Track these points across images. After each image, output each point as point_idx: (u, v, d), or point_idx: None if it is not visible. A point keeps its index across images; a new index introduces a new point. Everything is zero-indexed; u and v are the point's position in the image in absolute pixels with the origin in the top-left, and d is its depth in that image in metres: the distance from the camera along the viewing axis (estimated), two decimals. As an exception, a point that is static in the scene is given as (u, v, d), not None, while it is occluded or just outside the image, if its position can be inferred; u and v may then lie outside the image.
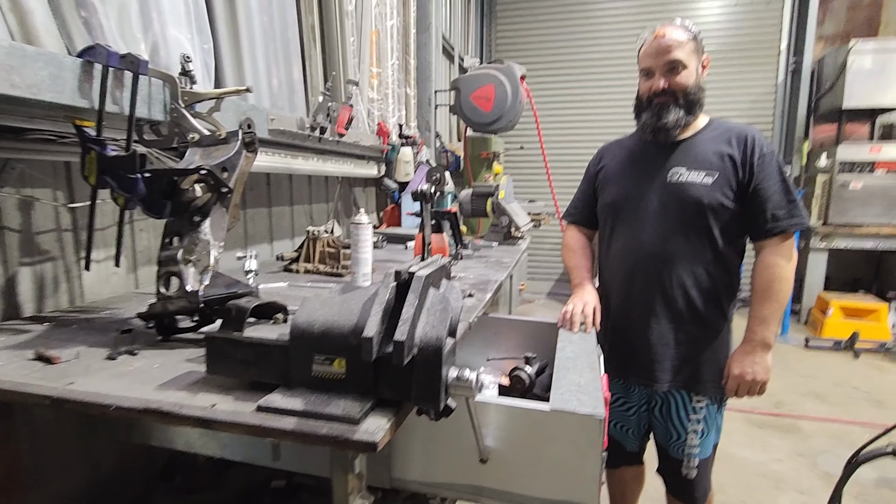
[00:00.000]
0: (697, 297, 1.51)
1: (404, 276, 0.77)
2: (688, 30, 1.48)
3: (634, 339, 1.58)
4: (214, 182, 1.08)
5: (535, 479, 0.99)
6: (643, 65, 1.53)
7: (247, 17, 1.85)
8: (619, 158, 1.68)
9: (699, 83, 1.51)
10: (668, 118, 1.49)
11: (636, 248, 1.58)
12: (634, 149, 1.64)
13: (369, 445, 0.68)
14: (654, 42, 1.49)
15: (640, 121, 1.59)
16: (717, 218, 1.47)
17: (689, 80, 1.48)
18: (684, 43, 1.46)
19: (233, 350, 0.82)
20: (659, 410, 1.61)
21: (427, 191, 0.86)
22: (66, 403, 0.81)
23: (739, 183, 1.45)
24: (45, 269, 1.32)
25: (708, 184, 1.46)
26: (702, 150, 1.50)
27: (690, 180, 1.48)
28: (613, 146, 1.75)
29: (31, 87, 0.97)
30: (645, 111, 1.55)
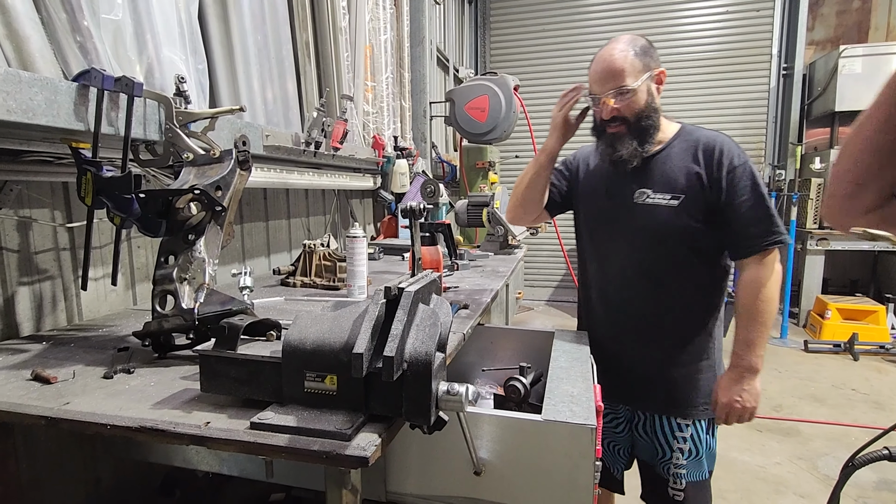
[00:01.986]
0: (678, 317, 1.48)
1: (394, 293, 0.78)
2: (634, 48, 1.39)
3: (616, 360, 1.54)
4: (208, 201, 1.09)
5: (529, 490, 1.00)
6: (591, 91, 1.45)
7: (241, 35, 1.88)
8: (591, 177, 1.63)
9: (652, 103, 1.42)
10: (622, 150, 1.42)
11: (612, 271, 1.56)
12: (601, 165, 1.56)
13: (360, 461, 0.69)
14: (598, 66, 1.41)
15: (597, 147, 1.53)
16: (688, 240, 1.42)
17: (638, 104, 1.39)
18: (628, 66, 1.37)
19: (226, 368, 0.83)
20: (643, 427, 1.58)
21: (416, 207, 0.88)
22: (62, 423, 0.82)
23: (709, 203, 1.39)
24: (44, 288, 1.34)
25: (674, 206, 1.41)
26: (668, 169, 1.44)
27: (656, 202, 1.43)
28: (587, 157, 1.66)
29: (27, 111, 1.00)
30: (600, 139, 1.49)
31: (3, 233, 1.24)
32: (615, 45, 1.40)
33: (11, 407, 0.84)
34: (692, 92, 5.83)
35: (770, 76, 5.70)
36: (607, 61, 1.39)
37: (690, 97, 5.83)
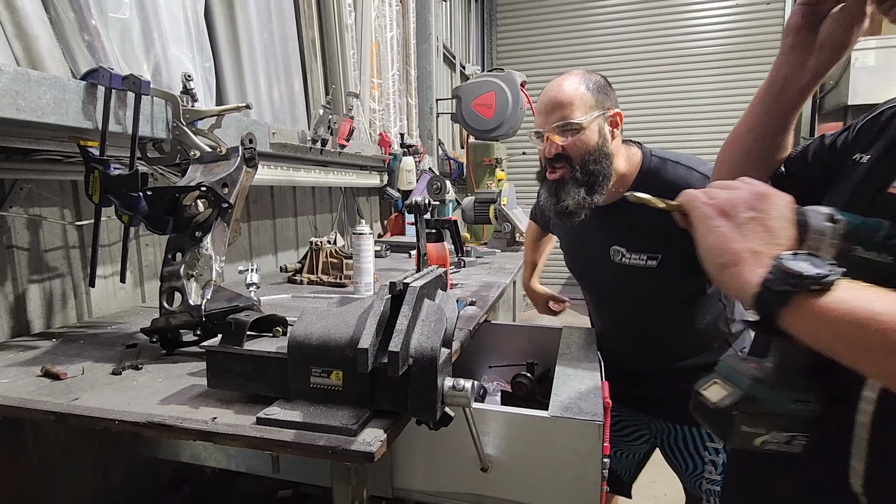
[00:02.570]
0: (689, 341, 1.39)
1: (399, 288, 0.78)
2: (587, 83, 1.25)
3: (629, 372, 1.47)
4: (215, 198, 1.10)
5: (536, 487, 0.99)
6: (535, 125, 1.30)
7: (247, 33, 1.89)
8: (563, 231, 1.52)
9: (604, 147, 1.24)
10: (566, 200, 1.24)
11: (607, 317, 1.52)
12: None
13: (366, 456, 0.69)
14: (544, 97, 1.26)
15: (540, 196, 1.35)
16: (679, 292, 1.31)
17: (586, 145, 1.22)
18: (578, 99, 1.22)
19: (232, 364, 0.83)
20: (668, 438, 1.48)
21: (421, 203, 0.88)
22: (71, 418, 0.83)
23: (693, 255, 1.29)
24: (54, 285, 1.35)
25: (653, 267, 1.27)
26: (638, 222, 1.26)
27: (634, 263, 1.29)
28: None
29: (36, 110, 1.00)
30: (542, 185, 1.32)
31: (14, 231, 1.25)
32: (566, 78, 1.27)
33: (22, 402, 0.85)
34: (701, 87, 5.77)
35: (781, 70, 5.61)
36: (554, 92, 1.25)
37: (700, 92, 5.78)
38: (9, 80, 0.95)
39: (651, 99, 5.84)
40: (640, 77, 5.84)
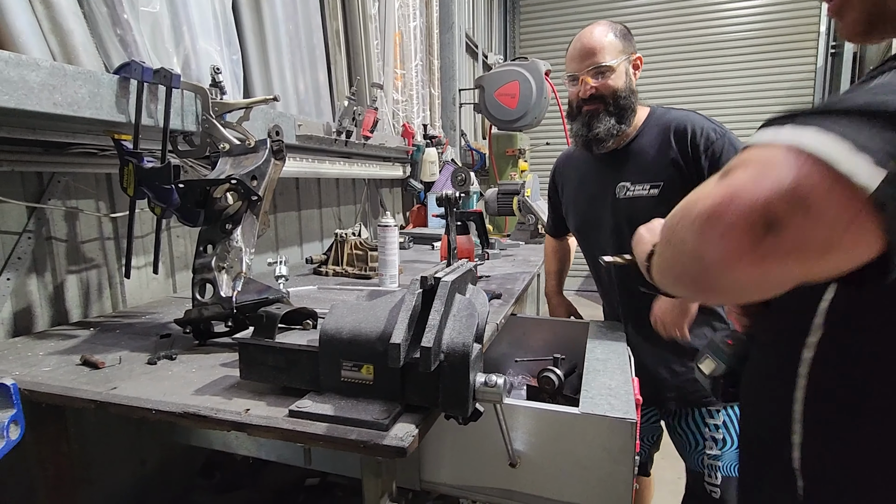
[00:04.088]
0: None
1: (430, 283, 0.77)
2: (613, 30, 1.42)
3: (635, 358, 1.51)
4: (244, 190, 1.10)
5: (566, 484, 0.98)
6: (568, 70, 1.47)
7: (273, 25, 1.89)
8: (572, 181, 1.64)
9: (630, 86, 1.44)
10: (598, 128, 1.42)
11: (608, 277, 1.56)
12: (582, 167, 1.59)
13: (398, 451, 0.69)
14: (577, 45, 1.44)
15: (571, 130, 1.52)
16: None
17: (616, 84, 1.41)
18: (608, 45, 1.40)
19: (264, 356, 0.84)
20: (673, 419, 1.56)
21: (451, 195, 0.86)
22: (110, 407, 0.85)
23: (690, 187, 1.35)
24: (90, 276, 1.39)
25: (654, 196, 1.39)
26: (643, 157, 1.43)
27: (637, 194, 1.42)
28: (563, 164, 1.70)
29: (72, 104, 1.02)
30: (575, 120, 1.49)
31: (53, 223, 1.29)
32: (594, 27, 1.43)
33: (64, 391, 0.87)
34: (734, 73, 5.58)
35: (817, 56, 5.39)
36: (586, 39, 1.42)
37: (732, 79, 5.59)
38: (46, 75, 0.97)
39: (679, 87, 5.68)
40: (668, 64, 5.68)
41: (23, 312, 1.23)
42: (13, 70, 0.91)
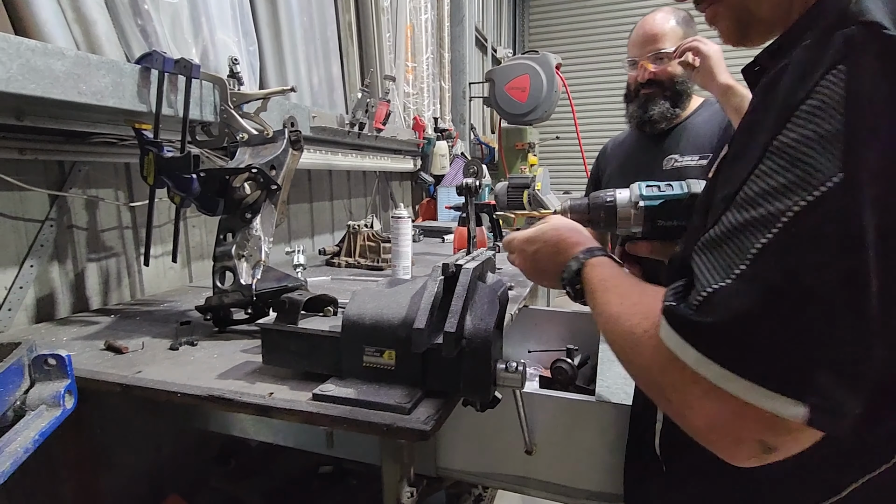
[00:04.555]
0: None
1: (452, 269, 0.78)
2: (675, 17, 1.46)
3: None
4: (264, 180, 1.12)
5: (580, 472, 0.99)
6: (630, 54, 1.52)
7: (288, 17, 1.89)
8: (618, 158, 1.67)
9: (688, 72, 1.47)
10: (653, 111, 1.47)
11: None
12: (631, 145, 1.63)
13: (421, 434, 0.70)
14: (639, 31, 1.49)
15: (627, 111, 1.57)
16: None
17: (675, 69, 1.44)
18: (669, 31, 1.44)
19: (287, 341, 0.85)
20: None
21: (472, 184, 0.87)
22: (136, 390, 0.87)
23: None
24: (110, 264, 1.41)
25: (703, 165, 1.42)
26: (694, 133, 1.48)
27: (685, 164, 1.45)
28: (612, 147, 1.73)
29: (96, 93, 1.04)
30: (632, 102, 1.54)
31: (74, 211, 1.31)
32: (657, 13, 1.48)
33: (90, 374, 0.89)
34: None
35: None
36: (648, 25, 1.47)
37: (742, 74, 5.54)
38: (71, 64, 0.98)
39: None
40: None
41: (45, 299, 1.25)
42: (39, 59, 0.93)
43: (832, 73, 0.40)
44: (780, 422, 0.39)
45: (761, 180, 0.42)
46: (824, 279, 0.38)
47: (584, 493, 1.01)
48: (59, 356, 0.45)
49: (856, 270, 0.38)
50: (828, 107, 0.40)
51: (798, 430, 0.40)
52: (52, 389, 0.45)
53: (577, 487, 1.01)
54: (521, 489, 1.06)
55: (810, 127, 0.40)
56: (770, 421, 0.40)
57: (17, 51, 0.89)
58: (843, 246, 0.38)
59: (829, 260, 0.38)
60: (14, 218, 1.18)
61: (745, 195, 0.43)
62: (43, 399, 0.44)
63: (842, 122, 0.39)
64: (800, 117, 0.41)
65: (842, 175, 0.38)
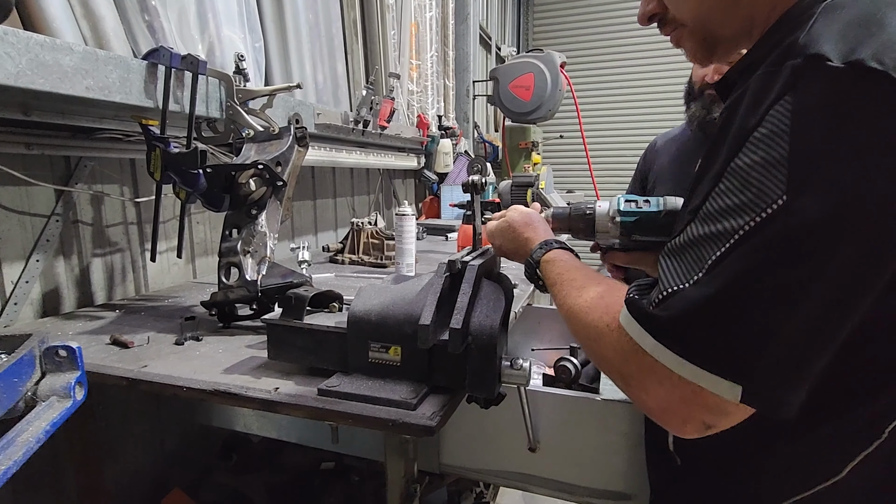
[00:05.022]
0: None
1: (458, 266, 0.78)
2: None
3: None
4: (270, 176, 1.12)
5: (585, 469, 1.00)
6: None
7: (293, 14, 1.90)
8: (670, 154, 1.64)
9: None
10: (716, 113, 1.43)
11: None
12: (685, 143, 1.60)
13: (427, 429, 0.71)
14: None
15: (688, 110, 1.53)
16: None
17: None
18: None
19: (293, 337, 0.86)
20: None
21: (478, 182, 0.87)
22: (142, 384, 0.87)
23: None
24: (115, 259, 1.41)
25: None
26: None
27: None
28: (663, 142, 1.71)
29: (103, 89, 1.04)
30: (695, 101, 1.49)
31: (79, 207, 1.31)
32: None
33: (97, 368, 0.89)
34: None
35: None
36: None
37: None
38: (79, 59, 0.99)
39: (694, 81, 5.61)
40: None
41: (51, 294, 1.25)
42: (48, 54, 0.93)
43: (780, 103, 0.44)
44: (720, 406, 0.47)
45: (720, 198, 0.48)
46: (766, 288, 0.44)
47: (587, 491, 1.02)
48: (70, 348, 0.46)
49: (794, 284, 0.43)
50: (775, 135, 0.44)
51: (734, 412, 0.47)
52: (62, 381, 0.45)
53: (580, 485, 1.01)
54: (524, 486, 1.06)
55: (760, 153, 0.45)
56: (712, 406, 0.47)
57: (26, 46, 0.89)
58: (785, 261, 0.43)
59: (772, 273, 0.43)
60: (20, 213, 1.18)
61: (707, 210, 0.49)
62: (54, 390, 0.45)
63: (787, 149, 0.43)
64: (752, 143, 0.46)
65: (785, 198, 0.43)
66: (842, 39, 0.43)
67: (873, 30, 0.43)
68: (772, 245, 0.43)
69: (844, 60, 0.42)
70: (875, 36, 0.42)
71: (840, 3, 0.47)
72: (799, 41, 0.45)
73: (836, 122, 0.42)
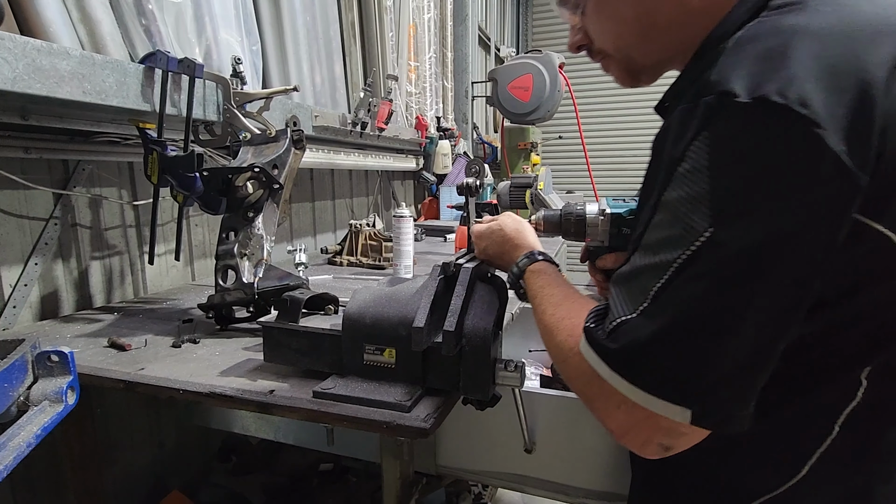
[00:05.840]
0: None
1: (452, 269, 0.78)
2: None
3: None
4: (266, 179, 1.12)
5: (580, 470, 1.00)
6: None
7: (291, 17, 1.90)
8: None
9: None
10: None
11: None
12: None
13: (420, 431, 0.71)
14: None
15: None
16: None
17: None
18: None
19: (288, 339, 0.86)
20: None
21: (472, 184, 0.88)
22: (139, 387, 0.88)
23: None
24: (113, 262, 1.42)
25: None
26: None
27: None
28: None
29: (100, 93, 1.04)
30: None
31: (78, 210, 1.32)
32: None
33: (94, 371, 0.90)
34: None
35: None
36: None
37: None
38: (76, 64, 0.99)
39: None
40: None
41: (49, 297, 1.26)
42: (45, 59, 0.94)
43: (699, 139, 0.47)
44: (674, 428, 0.49)
45: (656, 231, 0.51)
46: (703, 316, 0.47)
47: (583, 492, 1.02)
48: (61, 353, 0.46)
49: (728, 310, 0.46)
50: (696, 171, 0.47)
51: (688, 433, 0.49)
52: (54, 385, 0.46)
53: (576, 486, 1.02)
54: (521, 487, 1.06)
55: (685, 189, 0.48)
56: (667, 429, 0.50)
57: (23, 50, 0.90)
58: (718, 290, 0.46)
59: (707, 302, 0.46)
60: (19, 216, 1.19)
61: (647, 241, 0.52)
62: (46, 395, 0.45)
63: (709, 183, 0.46)
64: (678, 178, 0.48)
65: (711, 230, 0.45)
66: (749, 75, 0.45)
67: (777, 64, 0.44)
68: (704, 276, 0.46)
69: (751, 96, 0.44)
70: (779, 70, 0.44)
71: (748, 37, 0.49)
72: (711, 78, 0.48)
73: (748, 157, 0.45)
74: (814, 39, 0.45)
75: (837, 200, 0.44)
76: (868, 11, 0.48)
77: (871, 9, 0.49)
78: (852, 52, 0.45)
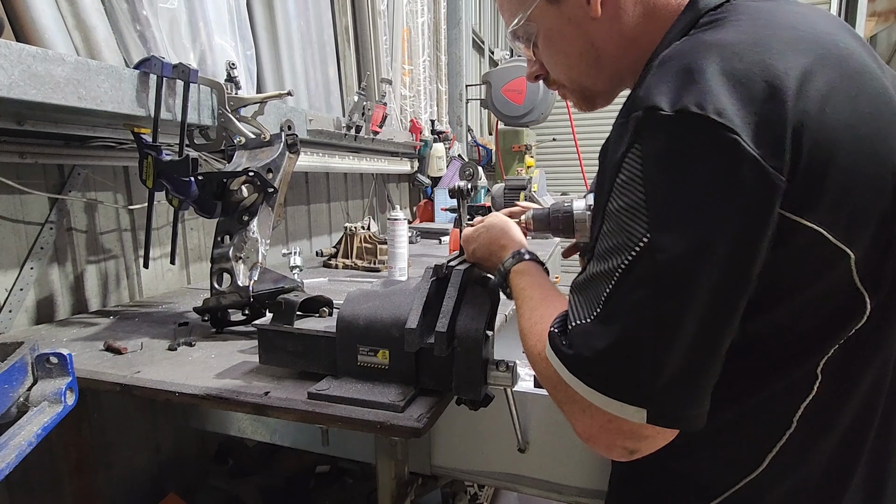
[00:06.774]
0: None
1: (444, 271, 0.80)
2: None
3: None
4: (261, 183, 1.13)
5: (574, 469, 1.01)
6: None
7: (285, 21, 1.91)
8: None
9: None
10: None
11: None
12: None
13: (414, 431, 0.72)
14: None
15: None
16: None
17: None
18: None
19: (283, 342, 0.87)
20: None
21: (464, 187, 0.89)
22: (135, 390, 0.88)
23: None
24: (109, 266, 1.42)
25: None
26: None
27: None
28: None
29: (95, 98, 1.05)
30: None
31: (73, 214, 1.32)
32: None
33: (90, 374, 0.91)
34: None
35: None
36: None
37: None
38: (71, 70, 1.00)
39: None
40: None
41: (45, 301, 1.26)
42: (40, 65, 0.95)
43: (631, 150, 0.50)
44: (636, 431, 0.51)
45: (605, 240, 0.53)
46: (647, 318, 0.49)
47: (576, 491, 1.03)
48: (60, 355, 0.47)
49: (670, 312, 0.48)
50: (631, 181, 0.50)
51: (651, 435, 0.51)
52: (53, 386, 0.47)
53: (569, 485, 1.03)
54: (514, 487, 1.07)
55: (624, 199, 0.51)
56: (628, 432, 0.51)
57: (19, 57, 0.91)
58: (659, 294, 0.48)
59: (650, 305, 0.48)
60: (14, 221, 1.19)
61: (598, 250, 0.54)
62: (45, 396, 0.46)
63: (643, 193, 0.49)
64: (617, 189, 0.51)
65: (649, 236, 0.48)
66: (670, 90, 0.48)
67: (694, 77, 0.48)
68: (645, 280, 0.49)
69: (673, 109, 0.47)
70: (697, 83, 0.47)
71: (670, 55, 0.52)
72: (639, 94, 0.51)
73: (674, 165, 0.48)
74: (727, 52, 0.49)
75: (759, 200, 0.46)
76: (783, 23, 0.52)
77: (786, 21, 0.52)
78: (762, 62, 0.48)
